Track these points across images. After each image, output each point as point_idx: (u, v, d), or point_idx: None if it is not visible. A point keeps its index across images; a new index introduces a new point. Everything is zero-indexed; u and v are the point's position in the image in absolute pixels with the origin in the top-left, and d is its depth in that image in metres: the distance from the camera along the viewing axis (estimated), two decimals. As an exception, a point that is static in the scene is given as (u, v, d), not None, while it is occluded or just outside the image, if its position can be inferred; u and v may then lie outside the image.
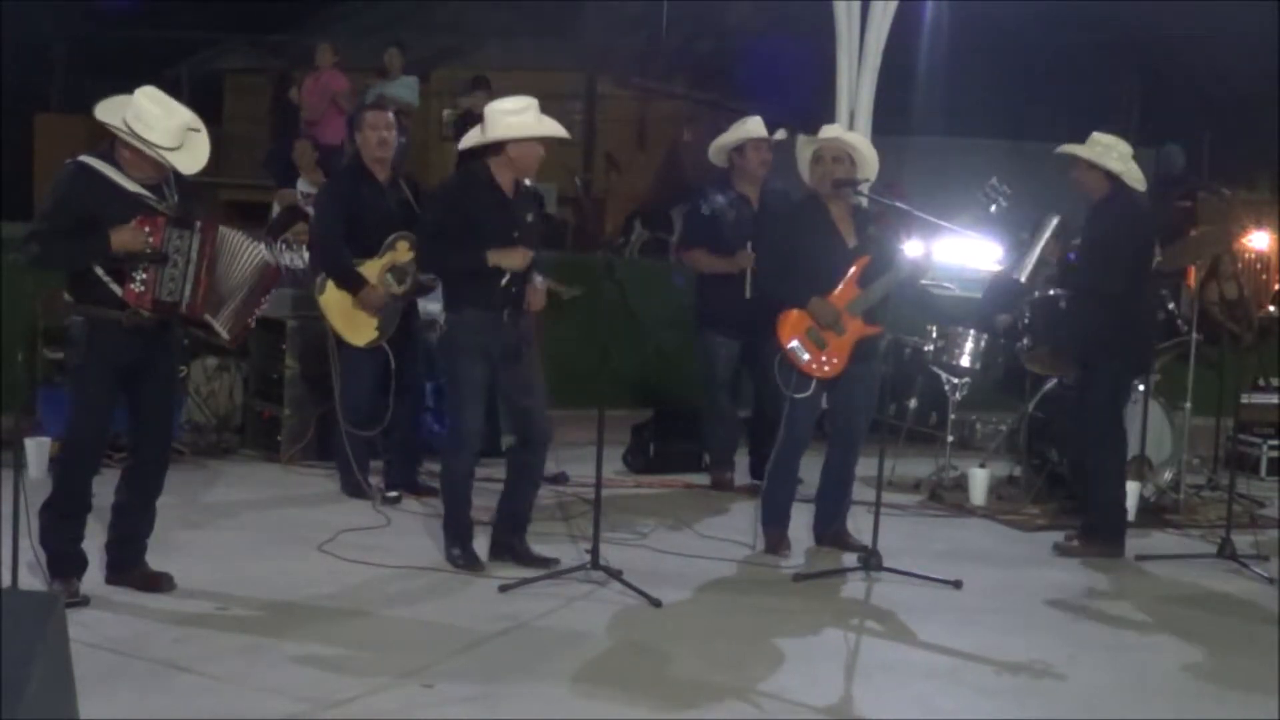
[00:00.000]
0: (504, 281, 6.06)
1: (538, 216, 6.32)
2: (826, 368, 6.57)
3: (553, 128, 6.16)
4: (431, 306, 8.11)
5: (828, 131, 6.83)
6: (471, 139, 6.24)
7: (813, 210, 6.68)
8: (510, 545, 6.32)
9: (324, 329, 7.59)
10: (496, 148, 6.11)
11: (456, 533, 6.26)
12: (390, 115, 7.65)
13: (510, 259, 6.06)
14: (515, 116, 6.09)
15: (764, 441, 7.16)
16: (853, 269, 6.59)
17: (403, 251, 7.35)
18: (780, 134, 7.93)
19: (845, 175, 6.59)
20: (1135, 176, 7.08)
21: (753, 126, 7.92)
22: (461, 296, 6.17)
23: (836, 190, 6.60)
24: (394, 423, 7.46)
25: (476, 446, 6.30)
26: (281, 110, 13.53)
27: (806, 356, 6.54)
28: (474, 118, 9.56)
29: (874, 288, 6.54)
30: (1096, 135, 7.07)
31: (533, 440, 6.26)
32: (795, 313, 6.55)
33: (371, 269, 7.35)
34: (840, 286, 6.56)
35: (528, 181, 6.25)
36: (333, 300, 7.43)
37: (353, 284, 7.34)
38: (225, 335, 5.64)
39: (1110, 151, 7.01)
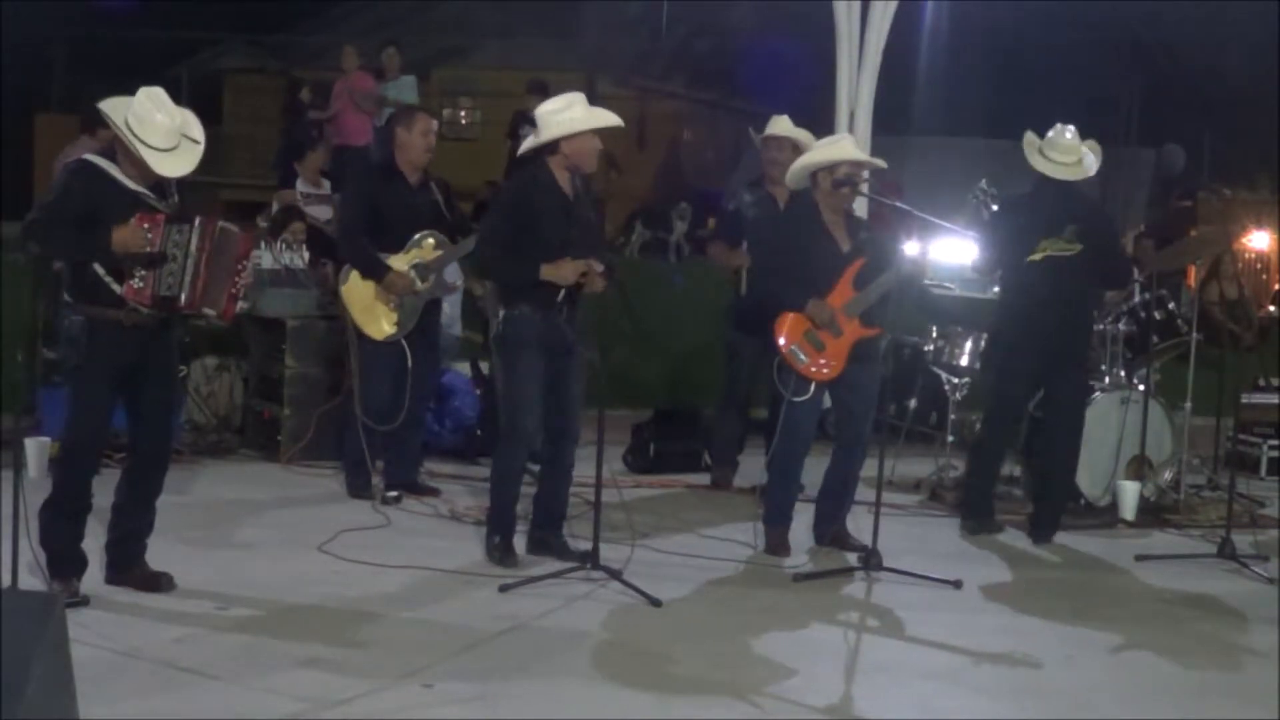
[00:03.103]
0: (560, 295, 6.16)
1: (599, 216, 6.36)
2: (825, 370, 6.57)
3: (605, 118, 6.25)
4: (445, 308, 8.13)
5: (847, 145, 6.82)
6: (529, 144, 6.29)
7: (804, 213, 6.69)
8: (547, 541, 6.40)
9: (329, 328, 7.59)
10: (552, 147, 6.17)
11: (500, 526, 6.33)
12: (433, 121, 7.60)
13: (562, 274, 6.11)
14: (565, 113, 6.16)
15: None
16: (848, 271, 6.59)
17: (428, 250, 7.35)
18: (801, 135, 7.90)
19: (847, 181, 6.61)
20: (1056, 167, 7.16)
21: (772, 124, 7.92)
22: (519, 294, 6.22)
23: (836, 191, 6.60)
24: (402, 421, 7.44)
25: (533, 444, 6.38)
26: (292, 110, 13.53)
27: (804, 359, 6.55)
28: (526, 117, 9.53)
29: (870, 289, 6.55)
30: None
31: (566, 436, 6.37)
32: (792, 315, 6.55)
33: (397, 264, 7.33)
34: (836, 288, 6.57)
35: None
36: (353, 292, 7.41)
37: (377, 270, 7.31)
38: (214, 313, 5.55)
39: (1031, 146, 7.19)
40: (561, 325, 6.21)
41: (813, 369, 6.56)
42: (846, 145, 6.82)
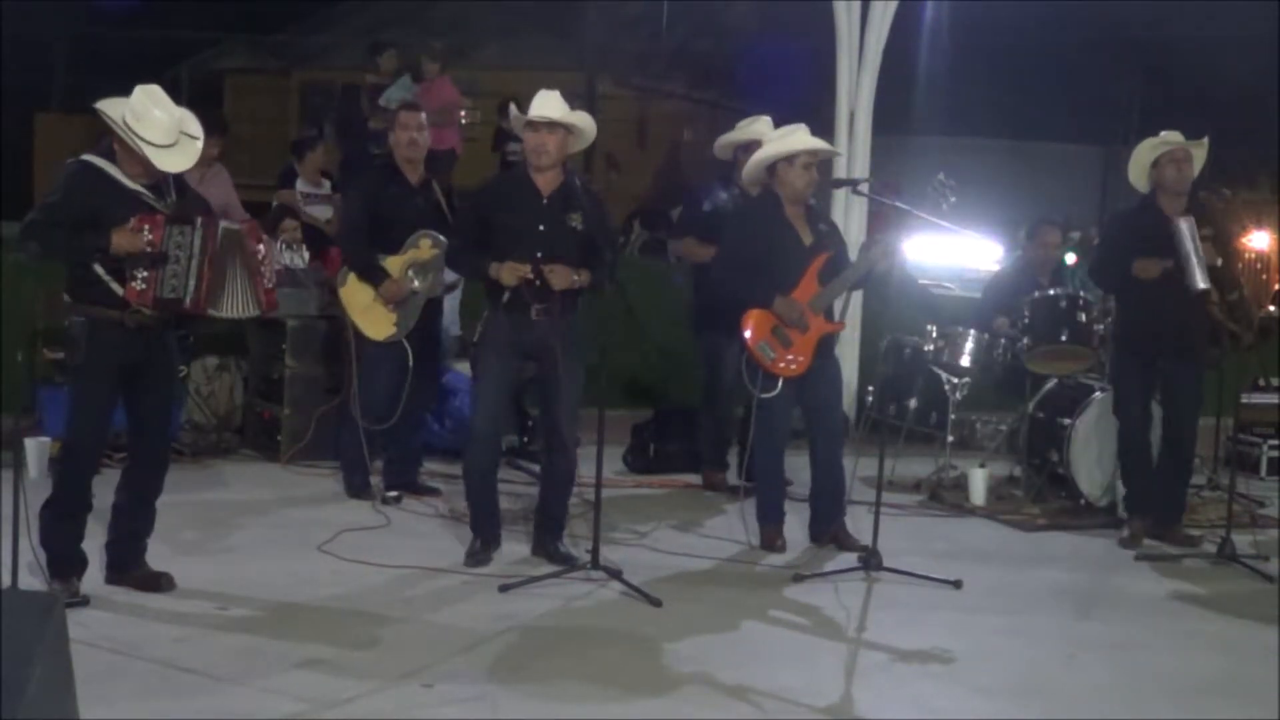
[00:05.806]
0: (505, 294, 6.10)
1: (589, 214, 6.22)
2: (793, 365, 6.61)
3: (543, 110, 6.11)
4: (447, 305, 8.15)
5: (804, 135, 6.82)
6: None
7: (768, 209, 6.72)
8: (544, 544, 6.40)
9: (329, 328, 7.59)
10: None
11: (475, 525, 6.37)
12: (422, 116, 7.62)
13: (499, 274, 6.08)
14: (530, 106, 6.17)
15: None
16: (812, 265, 6.62)
17: (425, 249, 7.36)
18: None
19: (811, 179, 6.65)
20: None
21: (761, 127, 7.89)
22: (492, 293, 6.24)
23: (834, 190, 6.63)
24: (400, 421, 7.45)
25: (489, 441, 6.34)
26: (349, 120, 13.43)
27: (773, 355, 6.59)
28: (506, 134, 9.46)
29: (834, 284, 6.63)
30: None
31: (555, 442, 6.32)
32: (759, 312, 6.59)
33: (394, 265, 7.35)
34: (801, 284, 6.60)
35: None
36: (353, 293, 7.43)
37: (374, 275, 7.35)
38: (255, 310, 5.63)
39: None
40: (537, 328, 6.09)
41: (780, 365, 6.59)
42: (803, 134, 6.79)
